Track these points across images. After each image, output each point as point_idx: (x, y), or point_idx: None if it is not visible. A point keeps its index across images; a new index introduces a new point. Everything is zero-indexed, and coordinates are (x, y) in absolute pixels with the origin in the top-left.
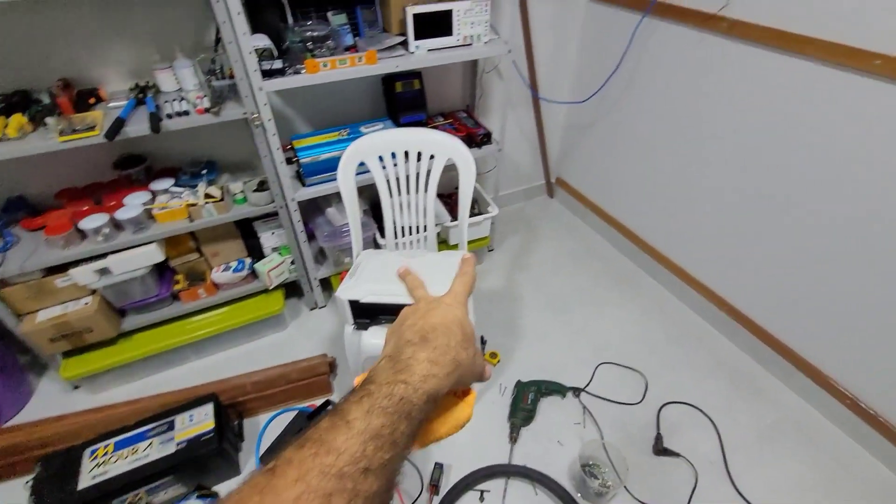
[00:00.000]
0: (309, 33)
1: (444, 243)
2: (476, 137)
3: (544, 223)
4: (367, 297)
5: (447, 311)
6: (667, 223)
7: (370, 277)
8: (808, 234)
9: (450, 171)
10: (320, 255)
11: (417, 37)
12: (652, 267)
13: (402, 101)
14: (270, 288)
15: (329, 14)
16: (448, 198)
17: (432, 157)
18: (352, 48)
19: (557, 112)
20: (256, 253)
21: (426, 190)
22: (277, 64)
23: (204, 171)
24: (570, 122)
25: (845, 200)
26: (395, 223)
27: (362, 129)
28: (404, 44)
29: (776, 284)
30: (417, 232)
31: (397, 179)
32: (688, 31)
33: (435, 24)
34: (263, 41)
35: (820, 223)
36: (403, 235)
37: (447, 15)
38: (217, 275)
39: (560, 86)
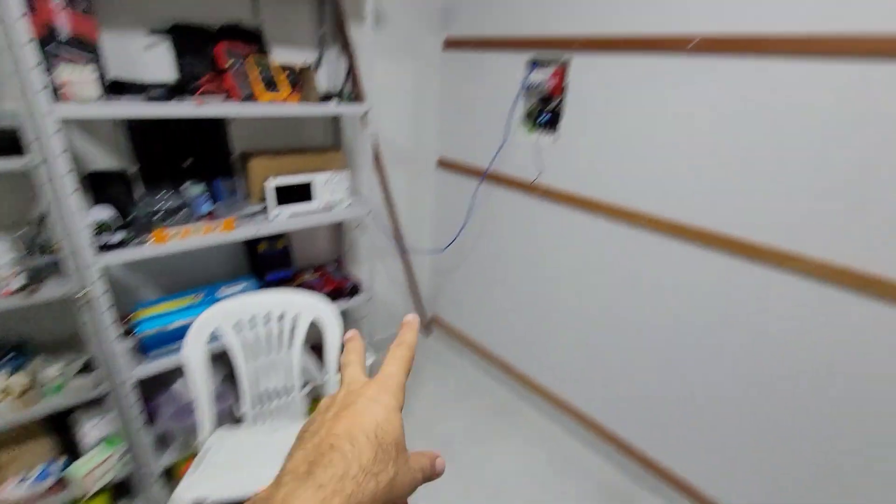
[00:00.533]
0: (160, 204)
1: (318, 401)
2: (345, 290)
3: (424, 363)
4: (215, 496)
5: (364, 412)
6: (534, 351)
7: (221, 466)
8: (652, 355)
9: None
10: (163, 440)
11: (279, 203)
12: (528, 397)
13: (267, 259)
14: (89, 496)
15: (187, 184)
16: (319, 351)
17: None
18: (209, 215)
19: (424, 258)
20: (73, 450)
21: (291, 347)
22: (118, 236)
23: (9, 357)
24: (437, 267)
25: (656, 326)
26: (256, 390)
27: (221, 291)
28: (266, 210)
29: (638, 402)
30: (285, 395)
31: (258, 341)
32: (515, 194)
33: (296, 193)
34: (105, 213)
35: (655, 343)
36: (263, 404)
37: (307, 186)
38: (7, 491)
39: (422, 236)
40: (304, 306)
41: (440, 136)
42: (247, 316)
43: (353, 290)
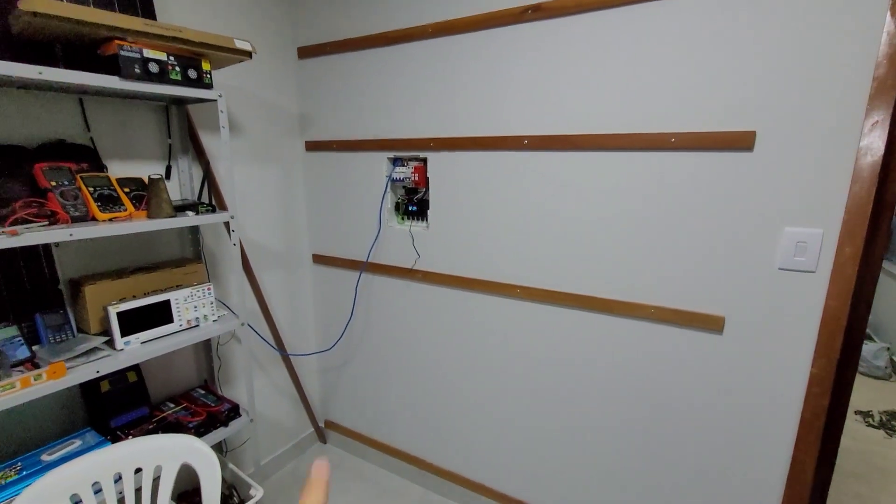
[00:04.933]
0: None
1: None
2: (220, 416)
3: None
4: None
5: None
6: (441, 438)
7: None
8: (544, 413)
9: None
10: None
11: (126, 333)
12: (439, 486)
13: (113, 400)
14: None
15: None
16: (195, 496)
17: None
18: (27, 362)
19: (310, 361)
20: None
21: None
22: None
23: None
24: (325, 367)
25: (542, 383)
26: None
27: (45, 456)
28: (110, 342)
29: (544, 465)
30: None
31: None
32: (396, 281)
33: (150, 316)
34: None
35: (555, 415)
36: None
37: (164, 305)
38: None
39: (306, 337)
40: (165, 453)
41: (313, 234)
42: (87, 485)
43: (231, 415)
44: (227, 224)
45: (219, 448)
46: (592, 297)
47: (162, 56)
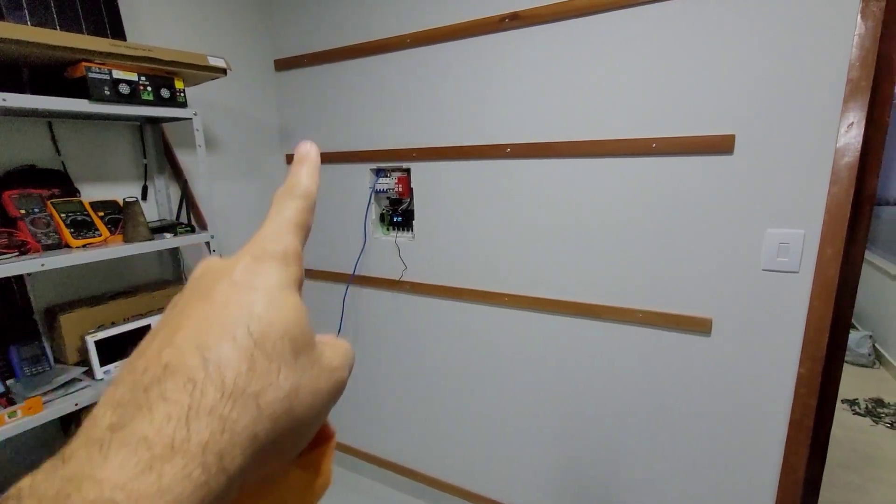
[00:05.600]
0: None
1: None
2: None
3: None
4: None
5: (227, 303)
6: (433, 448)
7: None
8: (539, 421)
9: None
10: None
11: (106, 361)
12: (438, 498)
13: None
14: None
15: None
16: None
17: None
18: (1, 398)
19: None
20: None
21: None
22: None
23: None
24: None
25: (535, 391)
26: None
27: None
28: (89, 372)
29: (545, 471)
30: None
31: None
32: (384, 293)
33: (130, 343)
34: None
35: (545, 414)
36: None
37: (145, 331)
38: None
39: None
40: None
41: None
42: None
43: None
44: (207, 244)
45: None
46: (580, 302)
47: (132, 76)
